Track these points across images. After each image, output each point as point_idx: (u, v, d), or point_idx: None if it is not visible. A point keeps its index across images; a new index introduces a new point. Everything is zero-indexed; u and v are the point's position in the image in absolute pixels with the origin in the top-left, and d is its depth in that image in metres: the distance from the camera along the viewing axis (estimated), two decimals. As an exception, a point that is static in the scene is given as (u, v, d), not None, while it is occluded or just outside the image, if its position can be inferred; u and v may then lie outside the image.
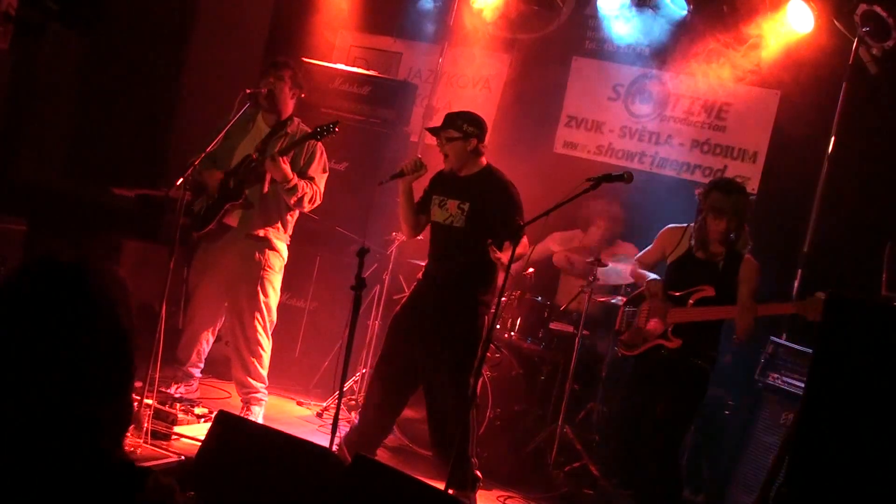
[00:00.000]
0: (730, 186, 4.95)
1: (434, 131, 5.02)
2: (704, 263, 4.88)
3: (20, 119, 6.71)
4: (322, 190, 5.43)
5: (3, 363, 1.55)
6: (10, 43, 5.32)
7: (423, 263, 5.21)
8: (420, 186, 5.14)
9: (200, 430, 4.78)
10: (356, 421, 4.72)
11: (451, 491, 4.57)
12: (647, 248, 5.24)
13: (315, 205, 5.44)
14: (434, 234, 5.06)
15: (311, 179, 5.36)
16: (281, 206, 5.43)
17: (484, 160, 5.00)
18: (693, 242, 4.94)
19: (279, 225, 5.47)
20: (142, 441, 4.53)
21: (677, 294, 4.93)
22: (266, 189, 5.29)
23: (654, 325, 4.96)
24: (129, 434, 4.13)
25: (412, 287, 5.16)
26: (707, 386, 4.88)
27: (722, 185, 4.97)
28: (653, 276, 5.12)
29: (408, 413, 5.53)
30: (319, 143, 5.38)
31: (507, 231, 4.63)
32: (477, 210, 4.85)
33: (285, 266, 5.57)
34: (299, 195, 5.27)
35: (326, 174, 5.50)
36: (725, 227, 4.80)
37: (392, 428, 5.26)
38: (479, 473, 4.94)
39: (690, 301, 4.84)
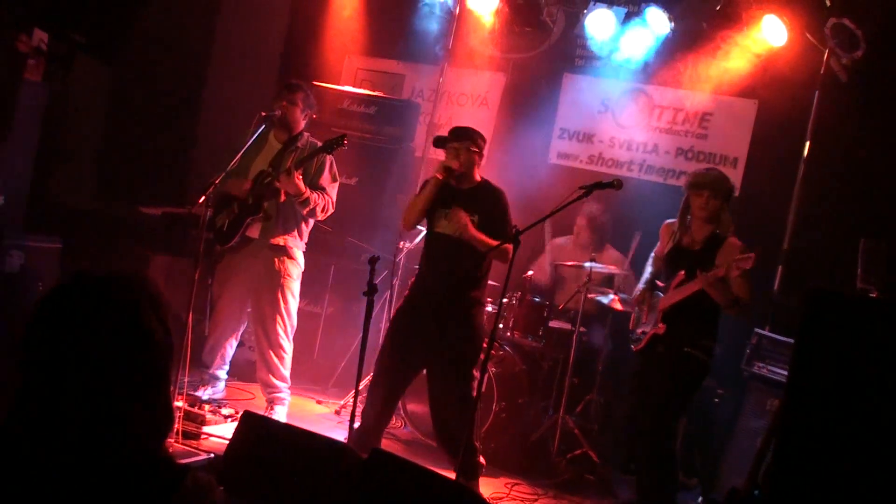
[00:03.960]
0: (708, 168, 5.01)
1: (447, 141, 4.97)
2: (686, 251, 4.87)
3: (54, 145, 6.73)
4: (334, 199, 5.43)
5: (48, 373, 1.56)
6: (43, 75, 5.35)
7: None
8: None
9: (228, 429, 4.79)
10: (355, 418, 4.73)
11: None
12: (658, 245, 5.21)
13: (328, 213, 5.45)
14: (436, 243, 4.99)
15: (323, 190, 5.37)
16: (298, 215, 5.45)
17: (479, 173, 5.02)
18: (679, 234, 4.93)
19: (296, 233, 5.50)
20: (173, 440, 4.54)
21: (662, 285, 4.97)
22: (283, 198, 5.31)
23: (651, 318, 4.98)
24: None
25: (410, 289, 5.15)
26: (701, 375, 4.83)
27: (702, 169, 5.02)
28: (642, 279, 5.14)
29: (419, 408, 5.54)
30: (329, 155, 5.38)
31: (506, 237, 4.65)
32: (484, 221, 4.86)
33: (302, 274, 5.59)
34: (311, 206, 5.29)
35: (337, 183, 5.51)
36: (706, 201, 4.79)
37: (390, 418, 5.25)
38: (482, 460, 4.95)
39: (671, 287, 4.85)
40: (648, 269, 5.18)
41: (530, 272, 6.27)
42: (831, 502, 2.37)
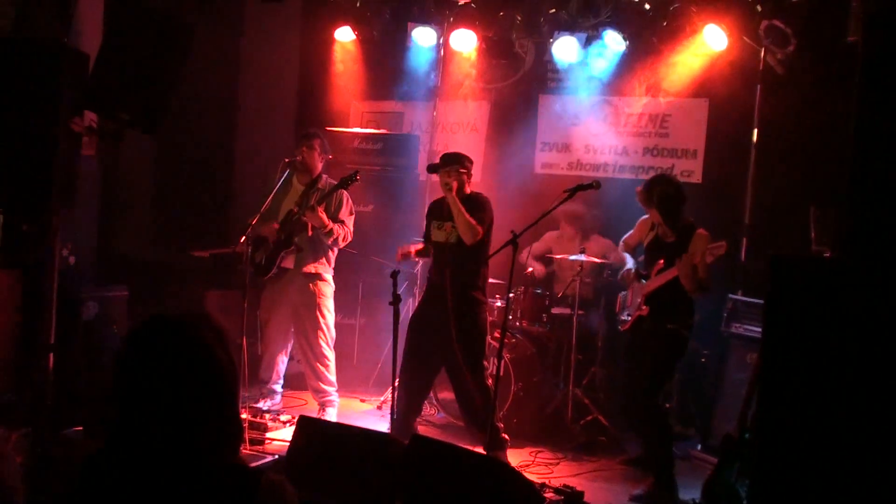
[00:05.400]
0: (648, 184, 4.92)
1: (439, 167, 5.02)
2: (663, 243, 4.88)
3: (112, 207, 6.78)
4: (352, 229, 5.50)
5: (138, 401, 1.59)
6: (97, 150, 5.41)
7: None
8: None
9: (287, 433, 4.81)
10: (395, 411, 4.75)
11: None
12: (630, 232, 5.24)
13: (347, 242, 5.51)
14: (436, 250, 5.11)
15: (342, 222, 5.43)
16: (324, 246, 5.49)
17: (468, 188, 5.06)
18: (657, 229, 4.94)
19: (324, 261, 5.54)
20: (242, 448, 4.55)
21: (644, 273, 4.97)
22: (310, 233, 5.35)
23: (635, 301, 4.98)
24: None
25: (422, 294, 5.19)
26: (682, 345, 4.83)
27: (645, 184, 4.96)
28: (629, 264, 5.14)
29: (449, 395, 5.54)
30: (345, 192, 5.45)
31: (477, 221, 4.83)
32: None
33: (334, 293, 5.62)
34: (335, 236, 5.35)
35: (353, 216, 5.57)
36: (657, 213, 4.81)
37: (422, 408, 5.27)
38: (506, 436, 4.95)
39: (652, 274, 4.86)
40: (628, 257, 5.19)
41: (530, 269, 6.27)
42: (809, 437, 2.38)
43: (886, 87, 2.38)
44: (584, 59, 6.80)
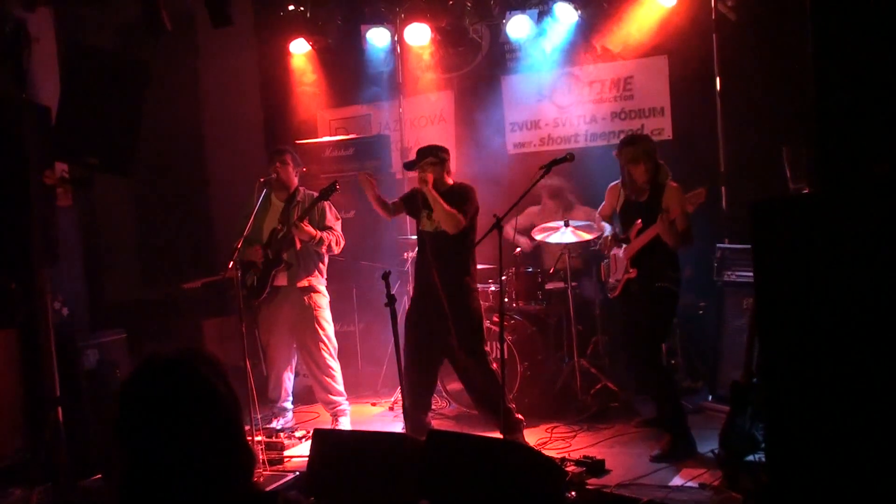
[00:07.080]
0: (633, 138, 4.95)
1: (416, 163, 5.03)
2: (637, 204, 4.89)
3: (98, 253, 6.75)
4: (341, 233, 5.50)
5: (144, 443, 1.59)
6: (72, 199, 5.38)
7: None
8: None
9: (304, 448, 4.80)
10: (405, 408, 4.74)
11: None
12: (602, 204, 5.25)
13: (341, 246, 5.51)
14: (425, 241, 5.08)
15: (330, 228, 5.42)
16: (314, 257, 5.49)
17: (450, 178, 5.05)
18: (627, 192, 4.96)
19: (316, 273, 5.53)
20: (262, 469, 4.55)
21: (623, 236, 4.98)
22: (298, 246, 5.35)
23: (619, 266, 5.00)
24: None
25: (415, 287, 5.19)
26: (674, 301, 4.86)
27: (627, 140, 4.98)
28: (606, 230, 5.15)
29: (458, 386, 5.55)
30: (325, 201, 5.43)
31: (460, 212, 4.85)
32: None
33: (329, 302, 5.62)
34: (326, 244, 5.36)
35: (340, 220, 5.58)
36: (644, 169, 4.80)
37: (430, 404, 5.28)
38: (520, 416, 4.97)
39: (631, 236, 4.87)
40: (606, 226, 5.19)
41: (518, 249, 6.28)
42: (815, 371, 2.40)
43: (838, 20, 2.40)
44: (540, 34, 6.80)
